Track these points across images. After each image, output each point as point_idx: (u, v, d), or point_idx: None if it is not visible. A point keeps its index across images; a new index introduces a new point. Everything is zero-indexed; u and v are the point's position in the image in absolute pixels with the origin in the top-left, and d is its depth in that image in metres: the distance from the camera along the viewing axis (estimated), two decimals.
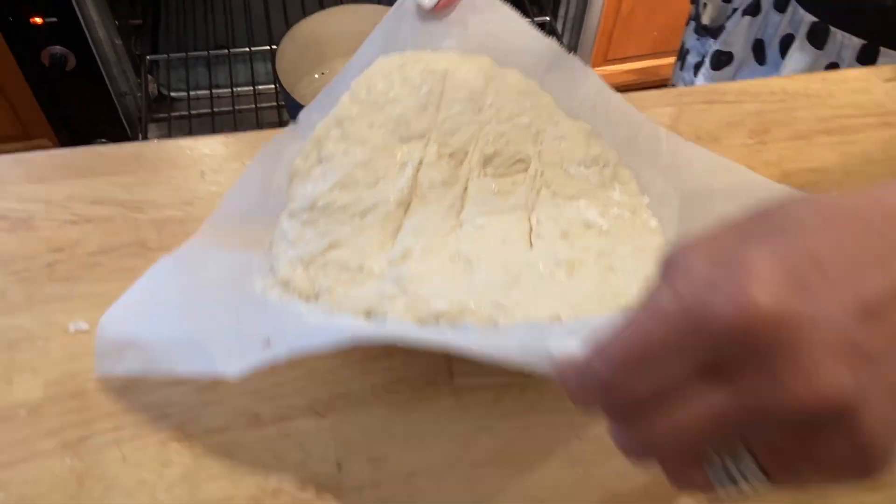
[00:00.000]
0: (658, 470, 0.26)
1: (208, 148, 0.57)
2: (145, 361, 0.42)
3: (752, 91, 0.65)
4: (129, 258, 0.51)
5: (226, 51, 1.43)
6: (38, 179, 0.54)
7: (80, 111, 1.41)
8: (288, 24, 1.27)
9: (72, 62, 1.31)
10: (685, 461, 0.25)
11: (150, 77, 1.46)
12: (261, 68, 1.54)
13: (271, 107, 1.50)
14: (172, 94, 1.49)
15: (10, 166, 0.55)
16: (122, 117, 1.45)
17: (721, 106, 0.64)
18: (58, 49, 1.29)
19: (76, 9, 1.24)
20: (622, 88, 0.54)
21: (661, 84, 1.98)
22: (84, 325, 0.47)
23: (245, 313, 0.43)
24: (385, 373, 0.47)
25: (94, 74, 1.35)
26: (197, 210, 0.53)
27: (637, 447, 0.25)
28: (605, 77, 0.54)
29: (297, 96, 1.18)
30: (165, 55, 1.44)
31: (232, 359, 0.39)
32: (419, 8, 0.51)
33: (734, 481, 0.24)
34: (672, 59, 1.01)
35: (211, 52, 1.43)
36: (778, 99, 0.65)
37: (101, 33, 1.32)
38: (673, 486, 0.25)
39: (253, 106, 1.47)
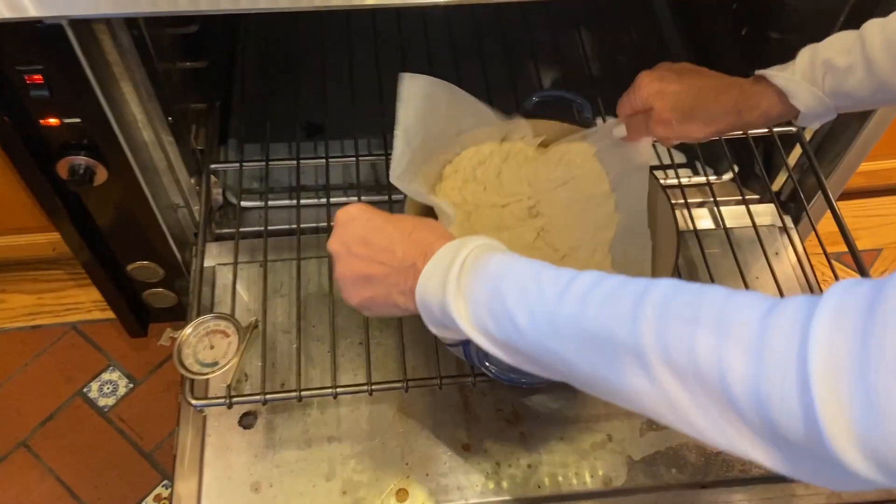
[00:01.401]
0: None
1: None
2: None
3: None
4: None
5: (322, 159, 0.99)
6: None
7: (111, 232, 0.99)
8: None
9: (101, 175, 0.88)
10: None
11: (213, 179, 1.03)
12: (366, 164, 1.09)
13: None
14: (242, 202, 1.05)
15: None
16: (169, 236, 1.02)
17: None
18: (81, 160, 0.86)
19: (105, 107, 0.81)
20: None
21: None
22: None
23: None
24: None
25: (131, 187, 0.92)
26: None
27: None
28: None
29: None
30: (237, 163, 1.00)
31: None
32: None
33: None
34: None
35: (302, 160, 0.98)
36: None
37: (145, 135, 0.89)
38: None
39: None
